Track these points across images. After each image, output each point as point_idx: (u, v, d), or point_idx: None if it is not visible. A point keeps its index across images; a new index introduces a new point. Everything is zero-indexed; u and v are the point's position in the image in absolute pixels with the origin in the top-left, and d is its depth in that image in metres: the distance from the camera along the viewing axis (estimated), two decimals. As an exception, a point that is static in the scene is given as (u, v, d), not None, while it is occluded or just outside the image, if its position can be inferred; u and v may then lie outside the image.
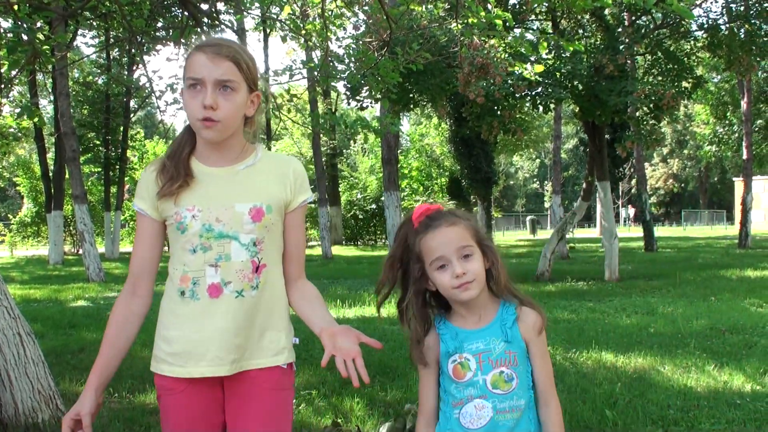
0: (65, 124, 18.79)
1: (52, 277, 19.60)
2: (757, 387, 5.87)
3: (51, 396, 5.07)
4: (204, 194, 2.36)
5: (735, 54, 14.83)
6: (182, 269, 2.36)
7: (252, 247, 2.35)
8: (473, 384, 2.30)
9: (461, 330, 2.34)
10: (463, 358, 2.31)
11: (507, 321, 2.34)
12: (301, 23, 9.36)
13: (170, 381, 2.37)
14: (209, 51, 2.29)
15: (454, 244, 2.29)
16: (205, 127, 2.28)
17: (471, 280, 2.28)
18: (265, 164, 2.46)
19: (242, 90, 2.34)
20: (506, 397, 2.28)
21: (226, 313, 2.32)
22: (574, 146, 73.75)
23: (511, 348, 2.31)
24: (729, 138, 35.87)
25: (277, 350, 2.42)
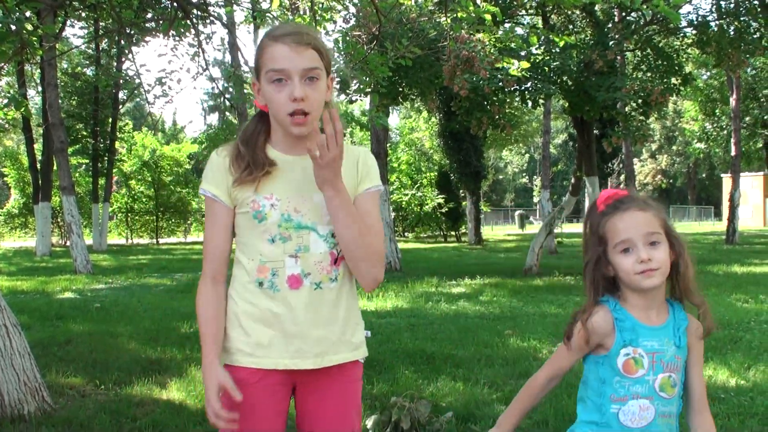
0: (53, 115, 18.70)
1: (39, 268, 19.53)
2: (742, 381, 5.91)
3: (37, 388, 5.06)
4: (282, 183, 2.30)
5: (724, 51, 14.88)
6: (259, 259, 2.29)
7: (330, 239, 2.31)
8: (642, 382, 2.21)
9: (638, 323, 2.24)
10: (637, 353, 2.22)
11: (680, 325, 2.27)
12: (291, 16, 9.34)
13: (245, 373, 2.29)
14: (290, 41, 2.22)
15: (642, 228, 2.20)
16: (296, 123, 2.23)
17: (656, 268, 2.18)
18: None
19: (324, 77, 2.28)
20: (668, 402, 2.23)
21: (308, 305, 2.28)
22: (564, 141, 73.88)
23: (680, 354, 2.25)
24: (717, 134, 36.04)
25: (357, 344, 2.41)
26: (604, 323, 2.26)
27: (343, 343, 2.35)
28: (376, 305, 10.74)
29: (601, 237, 2.27)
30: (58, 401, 5.40)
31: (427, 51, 11.30)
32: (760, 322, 8.72)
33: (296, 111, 2.20)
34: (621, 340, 2.23)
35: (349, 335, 2.37)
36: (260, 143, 2.34)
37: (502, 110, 14.44)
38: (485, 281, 14.38)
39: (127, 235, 41.22)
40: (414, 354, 6.91)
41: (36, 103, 35.76)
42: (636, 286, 2.22)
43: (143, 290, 13.58)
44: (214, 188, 2.33)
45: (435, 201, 35.47)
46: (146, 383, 5.99)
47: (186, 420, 4.90)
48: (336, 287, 2.33)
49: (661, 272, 2.19)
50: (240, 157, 2.30)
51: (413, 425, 4.55)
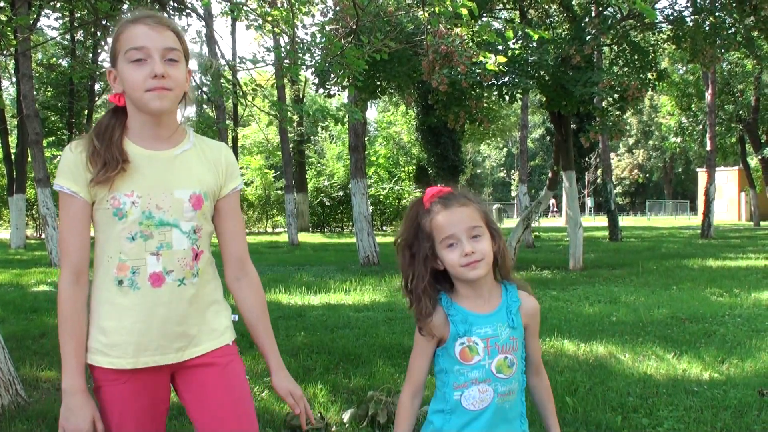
0: (28, 106, 18.51)
1: (14, 261, 19.35)
2: (715, 375, 5.96)
3: (11, 382, 5.03)
4: (143, 179, 2.26)
5: (699, 46, 14.97)
6: (118, 257, 2.24)
7: (192, 235, 2.31)
8: (479, 367, 2.35)
9: (470, 313, 2.37)
10: (471, 341, 2.35)
11: (512, 307, 2.41)
12: (269, 7, 9.30)
13: (111, 372, 2.28)
14: (150, 21, 2.22)
15: (465, 223, 2.33)
16: (157, 95, 2.19)
17: (479, 259, 2.31)
18: (199, 149, 2.39)
19: (183, 62, 2.29)
20: (506, 382, 2.36)
21: (169, 302, 2.27)
22: (541, 136, 74.04)
23: (515, 334, 2.39)
24: (693, 129, 36.31)
25: (220, 331, 2.42)
26: (438, 321, 2.39)
27: (205, 333, 2.36)
28: (353, 299, 10.74)
29: (428, 234, 2.37)
30: (32, 395, 5.37)
31: (404, 45, 11.30)
32: (734, 316, 8.80)
33: (156, 87, 2.18)
34: (455, 331, 2.36)
35: (211, 326, 2.39)
36: (116, 138, 2.27)
37: (479, 105, 14.46)
38: (462, 275, 14.38)
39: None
40: (391, 348, 6.91)
41: (10, 95, 35.38)
42: (463, 278, 2.36)
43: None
44: (72, 184, 2.25)
45: (413, 195, 35.50)
46: (121, 377, 5.94)
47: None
48: (197, 282, 2.33)
49: (485, 263, 2.33)
50: (96, 153, 2.23)
51: (390, 419, 4.55)
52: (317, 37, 8.22)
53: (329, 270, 15.75)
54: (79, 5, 11.43)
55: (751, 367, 6.19)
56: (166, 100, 2.23)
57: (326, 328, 8.30)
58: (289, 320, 8.78)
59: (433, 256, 2.38)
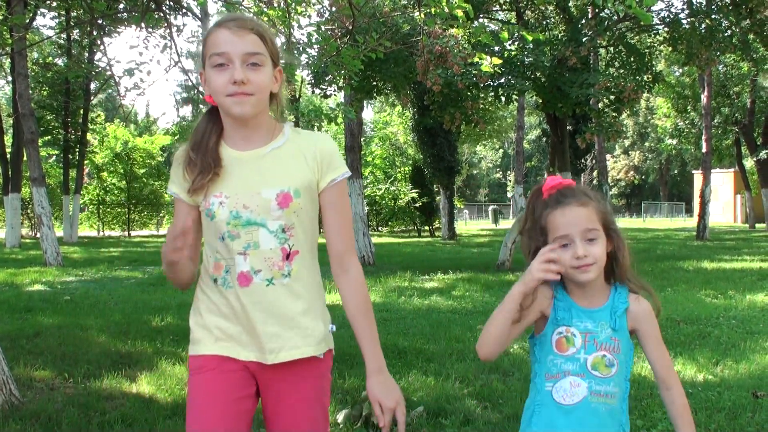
0: (23, 105, 18.49)
1: (9, 260, 19.32)
2: (709, 376, 5.97)
3: (4, 381, 5.02)
4: (230, 180, 2.29)
5: (695, 49, 15.00)
6: (215, 256, 2.32)
7: (281, 234, 2.29)
8: (574, 360, 2.28)
9: (575, 305, 2.32)
10: (569, 332, 2.30)
11: (618, 309, 2.33)
12: (266, 7, 9.30)
13: (204, 359, 2.31)
14: (232, 25, 2.21)
15: (581, 225, 2.26)
16: (237, 101, 2.20)
17: (591, 263, 2.25)
18: (292, 145, 2.37)
19: (268, 64, 2.26)
20: (603, 381, 2.27)
21: (258, 302, 2.27)
22: (537, 137, 74.07)
23: (617, 336, 2.31)
24: (689, 131, 36.38)
25: (316, 339, 2.36)
26: (544, 294, 2.33)
27: (301, 338, 2.32)
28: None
29: (543, 228, 2.32)
30: (26, 394, 5.36)
31: (400, 45, 11.30)
32: (729, 318, 8.80)
33: (236, 92, 2.19)
34: (554, 318, 2.32)
35: (307, 330, 2.34)
36: (212, 144, 2.32)
37: (475, 106, 14.47)
38: (458, 276, 14.41)
39: (99, 227, 40.89)
40: (386, 348, 6.85)
41: (6, 93, 35.41)
42: (572, 279, 2.30)
43: (114, 283, 13.49)
44: (175, 187, 2.37)
45: (409, 195, 35.51)
46: (116, 377, 5.95)
47: (155, 414, 4.87)
48: (289, 282, 2.31)
49: (596, 267, 2.27)
50: (192, 163, 2.30)
51: (384, 419, 4.55)
52: (313, 37, 8.21)
53: (325, 270, 15.63)
54: (75, 4, 11.41)
55: (746, 369, 6.20)
56: (247, 106, 2.22)
57: (321, 328, 8.28)
58: (284, 320, 8.76)
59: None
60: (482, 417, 4.81)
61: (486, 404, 5.10)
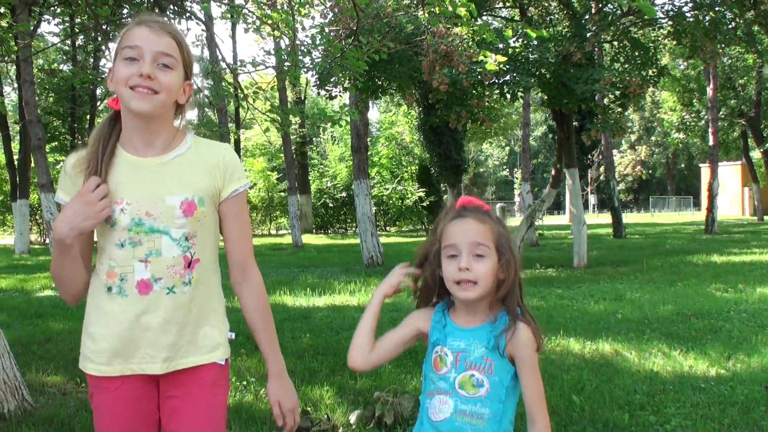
0: (30, 112, 18.47)
1: (18, 266, 19.38)
2: (722, 371, 5.95)
3: (17, 387, 5.03)
4: (132, 187, 2.24)
5: (699, 42, 14.95)
6: (108, 264, 2.25)
7: (184, 242, 2.26)
8: (445, 379, 2.28)
9: (451, 324, 2.33)
10: (443, 351, 2.31)
11: (496, 329, 2.28)
12: (269, 10, 9.30)
13: (102, 380, 2.27)
14: (153, 24, 2.21)
15: (470, 237, 2.25)
16: (139, 95, 2.17)
17: (473, 280, 2.24)
18: (195, 153, 2.34)
19: (179, 71, 2.25)
20: (469, 401, 2.25)
21: (156, 310, 2.23)
22: (543, 133, 73.93)
23: (490, 356, 2.26)
24: (695, 125, 36.29)
25: (212, 347, 2.34)
26: (424, 314, 2.43)
27: (195, 346, 2.30)
28: (358, 300, 10.74)
29: (439, 237, 2.34)
30: (39, 400, 5.38)
31: (404, 45, 11.30)
32: (740, 312, 8.78)
33: (140, 85, 2.16)
34: (432, 338, 2.36)
35: (201, 338, 2.32)
36: (109, 147, 2.28)
37: (481, 104, 14.45)
38: (467, 274, 14.37)
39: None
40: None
41: (12, 100, 35.46)
42: (454, 295, 2.31)
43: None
44: (65, 195, 2.32)
45: (416, 195, 35.52)
46: (127, 381, 5.95)
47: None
48: (190, 291, 2.28)
49: (479, 287, 2.25)
50: (88, 167, 2.26)
51: (397, 419, 4.56)
52: (317, 39, 8.22)
53: (333, 271, 15.75)
54: (79, 11, 11.45)
55: (758, 363, 6.18)
56: (148, 102, 2.19)
57: (331, 329, 8.30)
58: (295, 322, 8.78)
59: (436, 260, 2.35)
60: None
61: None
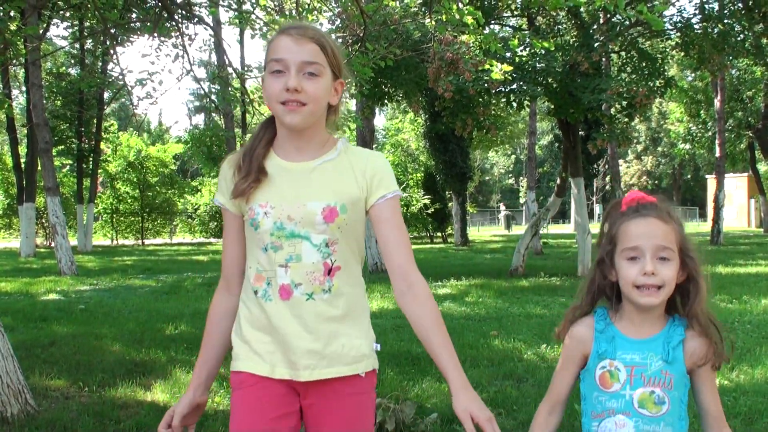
0: (38, 115, 18.62)
1: (24, 269, 19.42)
2: (725, 382, 5.94)
3: (20, 390, 5.04)
4: (277, 190, 2.25)
5: (707, 54, 14.95)
6: (256, 267, 2.27)
7: (324, 248, 2.23)
8: (618, 397, 2.10)
9: (620, 335, 2.14)
10: (613, 366, 2.12)
11: (672, 340, 2.11)
12: (277, 15, 9.34)
13: (245, 376, 2.27)
14: (294, 33, 2.19)
15: (656, 239, 2.06)
16: (289, 110, 2.17)
17: (658, 285, 2.05)
18: (343, 159, 2.31)
19: (327, 75, 2.22)
20: (652, 420, 2.08)
21: (296, 317, 2.22)
22: (549, 142, 73.88)
23: (670, 369, 2.09)
24: (702, 136, 36.23)
25: (356, 358, 2.28)
26: (584, 329, 2.21)
27: (339, 356, 2.25)
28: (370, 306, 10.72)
29: (612, 237, 2.15)
30: (42, 403, 5.38)
31: (411, 52, 11.31)
32: (744, 323, 8.76)
33: (289, 100, 2.15)
34: (596, 350, 2.16)
35: (345, 349, 2.26)
36: (259, 152, 2.28)
37: (487, 112, 14.45)
38: (471, 282, 14.40)
39: (113, 236, 41.08)
40: (399, 355, 6.91)
41: (20, 104, 35.57)
42: (632, 301, 2.11)
43: (128, 292, 13.53)
44: (220, 197, 2.35)
45: (421, 202, 35.49)
46: (130, 385, 5.97)
47: (170, 422, 4.88)
48: (329, 298, 2.24)
49: (663, 292, 2.07)
50: (239, 168, 2.28)
51: (398, 426, 4.55)
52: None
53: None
54: (88, 14, 11.49)
55: (761, 374, 6.17)
56: (298, 116, 2.18)
57: (335, 335, 8.29)
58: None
59: (609, 262, 2.17)
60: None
61: (500, 411, 5.09)
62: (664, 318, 2.16)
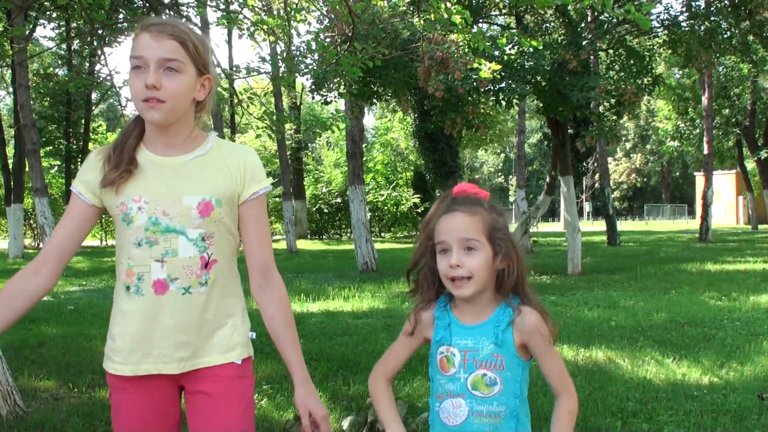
0: (25, 116, 18.47)
1: (12, 270, 19.30)
2: (715, 379, 5.96)
3: (9, 392, 5.01)
4: (151, 185, 2.25)
5: (694, 51, 15.01)
6: (127, 263, 2.26)
7: (200, 242, 2.26)
8: (455, 380, 2.22)
9: (455, 321, 2.25)
10: (450, 351, 2.24)
11: (501, 323, 2.21)
12: (265, 15, 9.32)
13: (121, 379, 2.28)
14: (153, 29, 2.19)
15: (458, 232, 2.18)
16: (149, 107, 2.18)
17: (465, 276, 2.18)
18: (216, 154, 2.34)
19: (189, 71, 2.23)
20: (485, 401, 2.19)
21: (172, 310, 2.24)
22: (539, 141, 74.05)
23: (500, 352, 2.20)
24: (690, 133, 36.36)
25: (229, 346, 2.34)
26: (425, 318, 2.33)
27: (213, 346, 2.30)
28: (352, 306, 10.73)
29: (430, 232, 2.28)
30: (31, 405, 5.36)
31: (399, 52, 11.31)
32: (733, 320, 8.79)
33: (149, 98, 2.17)
34: (436, 337, 2.28)
35: (217, 338, 2.31)
36: (129, 144, 2.29)
37: (476, 110, 14.48)
38: (461, 281, 14.39)
39: (101, 236, 40.93)
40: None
41: (7, 104, 35.48)
42: (451, 291, 2.25)
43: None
44: (79, 184, 2.32)
45: (411, 201, 35.53)
46: (120, 386, 5.94)
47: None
48: (206, 291, 2.28)
49: (473, 282, 2.19)
50: (110, 158, 2.27)
51: (389, 426, 4.54)
52: (312, 45, 8.23)
53: (328, 277, 15.74)
54: (75, 15, 11.45)
55: (751, 371, 6.19)
56: (158, 112, 2.20)
57: (325, 335, 8.29)
58: (288, 328, 8.75)
59: (431, 256, 2.28)
60: (487, 422, 4.80)
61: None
62: (497, 301, 2.27)
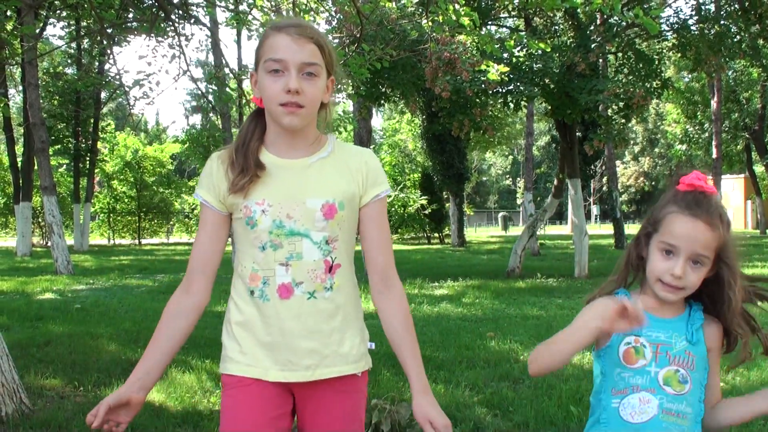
0: (34, 114, 18.59)
1: (20, 268, 19.38)
2: (721, 384, 5.93)
3: (15, 390, 5.02)
4: (275, 188, 2.21)
5: (703, 55, 14.97)
6: (251, 267, 2.22)
7: (324, 246, 2.21)
8: (643, 373, 2.07)
9: (646, 313, 2.00)
10: (639, 342, 2.08)
11: (695, 322, 2.12)
12: (274, 15, 9.32)
13: (238, 378, 2.23)
14: (293, 32, 2.15)
15: (695, 246, 2.03)
16: (289, 112, 2.14)
17: (681, 287, 2.05)
18: (338, 156, 2.30)
19: (323, 75, 2.20)
20: (676, 399, 2.06)
21: (298, 316, 2.19)
22: (547, 143, 74.04)
23: (693, 350, 2.09)
24: (699, 137, 36.29)
25: (357, 357, 2.30)
26: (611, 301, 2.05)
27: (339, 355, 2.24)
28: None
29: (656, 222, 2.12)
30: (37, 403, 5.36)
31: (407, 53, 11.31)
32: (740, 324, 8.76)
33: (289, 102, 2.12)
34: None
35: (346, 347, 2.26)
36: (253, 147, 2.24)
37: (484, 112, 14.46)
38: (468, 283, 14.40)
39: (109, 235, 41.03)
40: (395, 356, 6.88)
41: (17, 103, 35.50)
42: (653, 289, 2.11)
43: (124, 291, 13.51)
44: (204, 193, 2.29)
45: (418, 203, 35.51)
46: (126, 385, 5.95)
47: (165, 422, 4.88)
48: (331, 296, 2.22)
49: (684, 293, 2.07)
50: (234, 162, 2.23)
51: (394, 427, 4.54)
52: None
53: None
54: (84, 14, 11.48)
55: (757, 376, 6.17)
56: (297, 118, 2.17)
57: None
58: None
59: (645, 242, 2.15)
60: (492, 425, 4.80)
61: (496, 412, 5.09)
62: (683, 302, 2.16)
